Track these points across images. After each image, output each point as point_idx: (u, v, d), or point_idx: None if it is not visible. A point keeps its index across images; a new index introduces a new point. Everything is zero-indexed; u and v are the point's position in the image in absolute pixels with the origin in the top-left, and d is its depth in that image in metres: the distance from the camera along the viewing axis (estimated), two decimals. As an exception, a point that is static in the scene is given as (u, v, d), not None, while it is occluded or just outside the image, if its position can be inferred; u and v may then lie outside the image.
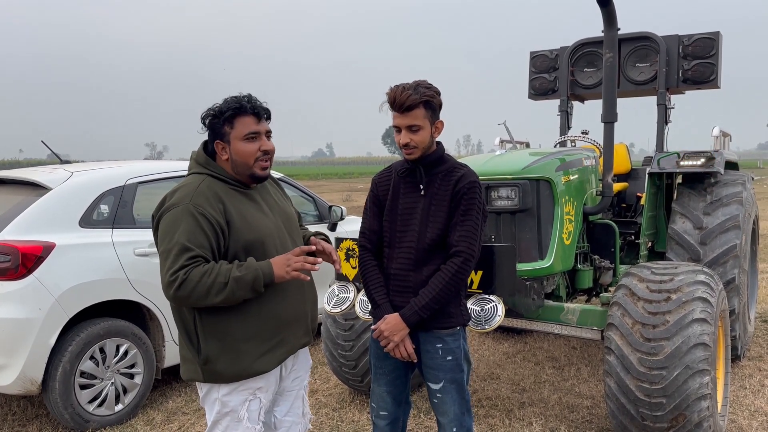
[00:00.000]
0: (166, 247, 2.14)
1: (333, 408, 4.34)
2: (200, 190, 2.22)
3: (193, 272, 2.10)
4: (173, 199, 2.21)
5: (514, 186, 3.63)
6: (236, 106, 2.26)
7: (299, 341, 2.44)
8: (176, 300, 2.15)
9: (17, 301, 3.69)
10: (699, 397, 3.07)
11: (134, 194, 4.39)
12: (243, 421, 2.30)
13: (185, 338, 2.28)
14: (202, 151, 2.36)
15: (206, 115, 2.30)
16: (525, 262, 3.63)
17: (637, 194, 5.53)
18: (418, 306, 2.42)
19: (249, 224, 2.27)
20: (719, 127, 5.24)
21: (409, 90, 2.40)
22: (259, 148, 2.29)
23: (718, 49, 5.19)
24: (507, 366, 5.16)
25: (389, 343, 2.47)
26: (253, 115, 2.29)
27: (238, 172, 2.31)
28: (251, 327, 2.25)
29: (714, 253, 4.45)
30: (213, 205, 2.20)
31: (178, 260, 2.10)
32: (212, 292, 2.11)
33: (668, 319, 3.17)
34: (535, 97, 6.02)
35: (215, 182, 2.28)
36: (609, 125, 4.08)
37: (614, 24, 3.95)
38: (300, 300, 2.41)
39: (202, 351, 2.23)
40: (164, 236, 2.17)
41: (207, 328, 2.22)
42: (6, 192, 4.32)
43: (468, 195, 2.43)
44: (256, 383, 2.31)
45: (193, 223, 2.14)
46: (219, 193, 2.24)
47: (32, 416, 4.30)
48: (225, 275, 2.12)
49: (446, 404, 2.54)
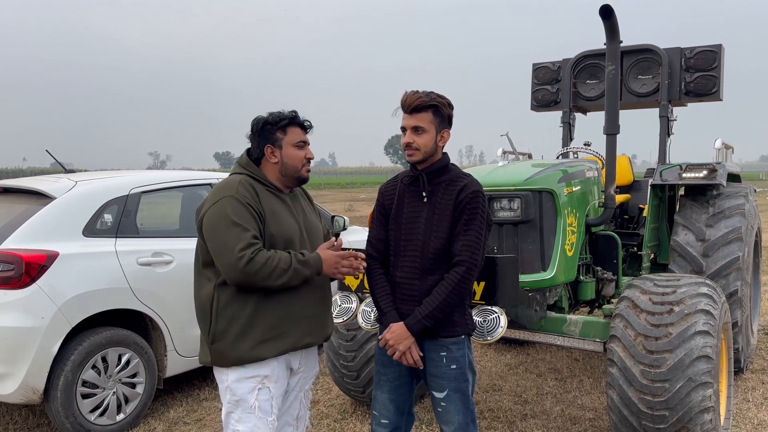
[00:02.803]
0: (224, 231, 2.34)
1: (334, 419, 4.33)
2: (242, 184, 2.47)
3: (259, 255, 2.32)
4: (218, 195, 2.44)
5: (517, 197, 3.64)
6: (292, 116, 2.57)
7: (302, 340, 2.53)
8: (244, 276, 2.31)
9: (20, 310, 3.70)
10: (702, 409, 3.05)
11: (138, 204, 4.40)
12: (255, 411, 2.42)
13: (201, 320, 2.50)
14: (245, 155, 2.62)
15: (261, 122, 2.56)
16: (527, 274, 3.63)
17: (639, 206, 5.53)
18: (422, 315, 2.44)
19: (278, 221, 2.48)
20: (721, 140, 5.25)
21: (421, 94, 2.51)
22: (305, 155, 2.60)
23: (720, 62, 5.21)
24: (509, 377, 5.15)
25: (395, 352, 2.49)
26: (302, 127, 2.60)
27: (286, 174, 2.58)
28: (258, 315, 2.42)
29: (717, 265, 4.45)
30: (253, 197, 2.45)
31: (241, 239, 2.32)
32: (274, 276, 2.34)
33: (671, 332, 3.16)
34: (538, 109, 6.04)
35: (254, 181, 2.52)
36: (611, 137, 4.09)
37: (617, 36, 3.97)
38: (311, 301, 2.54)
39: (211, 330, 2.44)
40: (217, 223, 2.37)
41: (220, 308, 2.42)
42: (10, 201, 4.33)
43: (471, 204, 2.45)
44: (261, 370, 2.44)
45: (242, 209, 2.39)
46: (256, 189, 2.49)
47: (34, 425, 4.30)
48: (287, 263, 2.37)
49: (450, 413, 2.53)
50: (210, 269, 2.47)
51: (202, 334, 2.52)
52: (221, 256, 2.35)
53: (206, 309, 2.47)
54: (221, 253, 2.34)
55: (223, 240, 2.34)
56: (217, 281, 2.44)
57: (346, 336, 4.14)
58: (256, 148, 2.59)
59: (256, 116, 2.62)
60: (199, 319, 2.52)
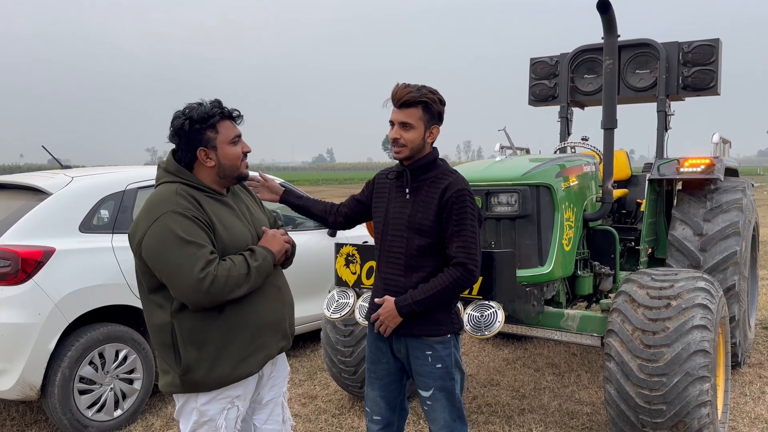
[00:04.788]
0: (176, 252, 2.08)
1: (332, 414, 4.33)
2: (178, 194, 2.18)
3: (220, 268, 2.11)
4: (154, 212, 2.14)
5: (514, 192, 3.63)
6: (220, 111, 2.26)
7: (278, 345, 2.42)
8: (208, 297, 2.09)
9: (17, 306, 3.69)
10: (699, 404, 3.06)
11: (134, 199, 4.39)
12: (221, 430, 2.28)
13: (163, 350, 2.24)
14: (172, 159, 2.30)
15: (186, 122, 2.21)
16: (525, 268, 3.63)
17: (637, 201, 5.53)
18: (413, 299, 2.42)
19: (227, 229, 2.26)
20: (719, 134, 5.24)
21: (411, 88, 2.42)
22: (242, 149, 2.34)
23: (717, 56, 5.20)
24: (507, 372, 5.15)
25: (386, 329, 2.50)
26: (231, 119, 2.32)
27: (225, 176, 2.31)
28: (230, 333, 2.22)
29: (714, 259, 4.45)
30: (196, 207, 2.18)
31: (199, 258, 2.08)
32: (240, 284, 2.15)
33: (668, 326, 3.16)
34: (536, 104, 6.03)
35: (190, 189, 2.24)
36: (609, 132, 4.08)
37: (614, 31, 3.96)
38: (278, 304, 2.41)
39: (182, 360, 2.19)
40: (164, 245, 2.10)
41: (185, 336, 2.18)
42: (6, 197, 4.32)
43: (459, 204, 2.40)
44: (234, 391, 2.29)
45: (189, 223, 2.12)
46: (196, 197, 2.22)
47: (31, 421, 4.30)
48: (244, 266, 2.18)
49: (436, 411, 2.53)
50: (158, 295, 2.21)
51: (164, 364, 2.25)
52: (177, 280, 2.08)
53: (166, 340, 2.21)
54: (176, 277, 2.08)
55: (176, 263, 2.07)
56: (172, 308, 2.18)
57: (344, 331, 4.14)
58: (185, 152, 2.26)
59: (176, 113, 2.26)
60: (159, 350, 2.26)
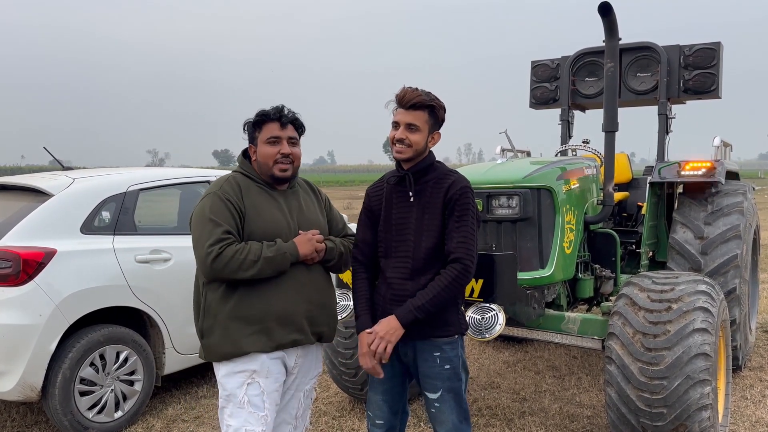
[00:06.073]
0: (200, 227, 2.42)
1: (333, 416, 4.33)
2: (227, 181, 2.54)
3: (227, 249, 2.37)
4: (206, 193, 2.53)
5: (515, 195, 3.63)
6: (262, 113, 2.55)
7: (288, 336, 2.49)
8: (212, 271, 2.38)
9: (18, 307, 3.69)
10: (700, 407, 3.06)
11: (136, 201, 4.39)
12: (245, 406, 2.42)
13: (195, 316, 2.56)
14: (241, 154, 2.68)
15: (246, 122, 2.62)
16: (526, 271, 3.63)
17: (638, 204, 5.54)
18: (414, 306, 2.40)
19: (260, 216, 2.50)
20: (720, 137, 5.25)
21: (421, 91, 2.50)
22: (278, 151, 2.53)
23: (719, 60, 5.20)
24: (507, 375, 5.15)
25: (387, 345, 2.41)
26: (278, 122, 2.54)
27: (262, 172, 2.58)
28: (238, 309, 2.44)
29: (715, 262, 4.45)
30: (235, 193, 2.49)
31: (212, 235, 2.38)
32: (243, 268, 2.37)
33: (669, 329, 3.16)
34: (537, 107, 6.03)
35: (243, 178, 2.58)
36: (610, 134, 4.09)
37: (615, 34, 3.97)
38: (295, 298, 2.50)
39: (199, 327, 2.53)
40: (196, 219, 2.46)
41: (207, 306, 2.49)
42: (8, 198, 4.33)
43: (461, 201, 2.45)
44: (250, 365, 2.44)
45: (220, 204, 2.44)
46: (241, 185, 2.53)
47: (32, 422, 4.30)
48: (256, 254, 2.39)
49: (444, 413, 2.53)
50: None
51: (197, 331, 2.57)
52: (195, 251, 2.43)
53: (196, 306, 2.55)
54: (194, 248, 2.43)
55: (197, 235, 2.43)
56: (203, 279, 2.50)
57: (345, 333, 4.13)
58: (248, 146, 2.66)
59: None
60: (194, 315, 2.59)
